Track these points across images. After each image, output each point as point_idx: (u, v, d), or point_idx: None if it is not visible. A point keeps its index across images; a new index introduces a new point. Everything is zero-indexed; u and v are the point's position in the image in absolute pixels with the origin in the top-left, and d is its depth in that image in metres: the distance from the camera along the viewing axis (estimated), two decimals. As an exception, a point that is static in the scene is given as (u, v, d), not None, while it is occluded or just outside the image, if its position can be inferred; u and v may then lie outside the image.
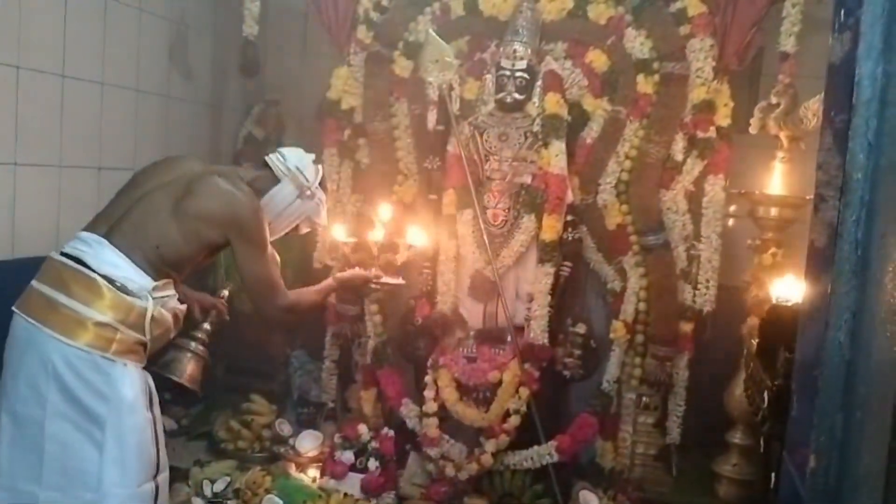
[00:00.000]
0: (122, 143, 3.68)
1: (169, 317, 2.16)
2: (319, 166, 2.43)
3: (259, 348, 4.20)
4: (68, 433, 2.06)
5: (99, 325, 2.05)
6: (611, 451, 3.30)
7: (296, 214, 2.38)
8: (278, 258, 2.43)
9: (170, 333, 2.22)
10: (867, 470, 0.85)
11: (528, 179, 3.26)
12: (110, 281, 2.07)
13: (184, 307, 2.26)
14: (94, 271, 2.08)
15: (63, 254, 2.16)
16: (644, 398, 3.32)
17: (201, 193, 2.19)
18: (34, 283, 2.18)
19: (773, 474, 1.38)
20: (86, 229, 2.24)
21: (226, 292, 2.50)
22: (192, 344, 2.36)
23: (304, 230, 2.50)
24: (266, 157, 2.37)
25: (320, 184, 2.42)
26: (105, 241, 2.14)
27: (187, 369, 2.32)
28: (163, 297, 2.14)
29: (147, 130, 3.84)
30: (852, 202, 0.89)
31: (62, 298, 2.07)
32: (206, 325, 2.42)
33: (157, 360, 2.32)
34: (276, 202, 2.31)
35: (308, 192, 2.33)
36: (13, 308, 2.21)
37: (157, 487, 2.17)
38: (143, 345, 2.14)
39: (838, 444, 0.90)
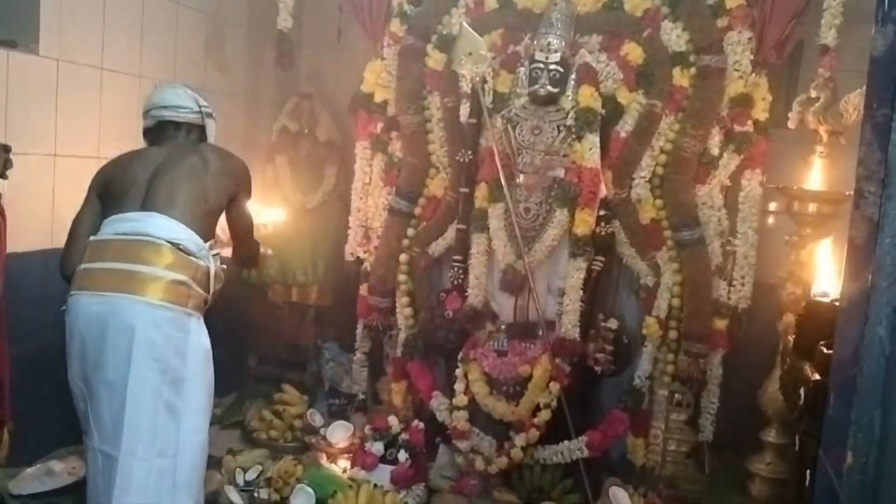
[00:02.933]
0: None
1: (222, 272, 2.42)
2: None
3: (291, 340, 4.24)
4: (148, 399, 2.21)
5: (175, 282, 2.24)
6: (642, 447, 3.27)
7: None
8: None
9: (221, 289, 2.45)
10: (907, 468, 0.83)
11: (560, 173, 3.23)
12: (174, 244, 2.26)
13: (225, 266, 2.50)
14: (156, 238, 2.25)
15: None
16: (677, 395, 3.28)
17: (218, 154, 2.53)
18: (89, 265, 2.30)
19: (808, 472, 1.35)
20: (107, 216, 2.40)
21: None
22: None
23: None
24: (169, 120, 2.59)
25: None
26: (154, 213, 2.31)
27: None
28: (215, 254, 2.39)
29: (183, 123, 3.88)
30: (894, 195, 0.86)
31: (134, 266, 2.24)
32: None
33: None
34: (212, 138, 2.68)
35: (207, 110, 2.67)
36: (74, 292, 2.30)
37: None
38: (206, 301, 2.38)
39: (877, 442, 0.88)
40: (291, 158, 4.21)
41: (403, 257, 3.58)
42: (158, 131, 2.62)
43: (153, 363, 2.21)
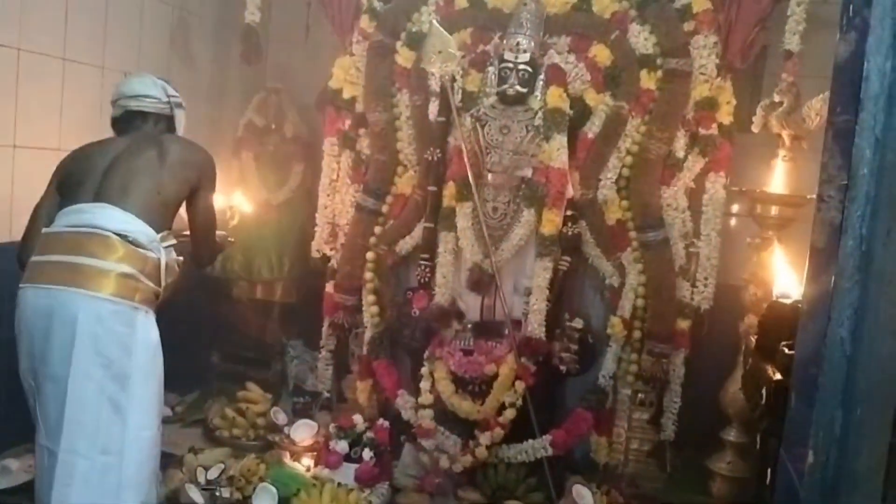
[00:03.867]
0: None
1: (175, 266, 2.36)
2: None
3: (255, 337, 4.20)
4: (90, 394, 2.16)
5: (122, 275, 2.20)
6: (605, 446, 3.30)
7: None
8: None
9: (175, 282, 2.38)
10: (866, 466, 0.85)
11: (528, 173, 3.25)
12: (123, 237, 2.21)
13: (181, 258, 2.42)
14: (105, 230, 2.20)
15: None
16: (640, 394, 3.32)
17: (180, 145, 2.48)
18: (39, 257, 2.26)
19: (768, 471, 1.37)
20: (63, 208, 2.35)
21: None
22: None
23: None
24: (136, 110, 2.55)
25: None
26: (105, 204, 2.26)
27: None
28: (168, 246, 2.32)
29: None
30: (857, 197, 0.88)
31: (81, 259, 2.19)
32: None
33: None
34: (181, 128, 2.63)
35: (177, 100, 2.64)
36: (22, 285, 2.26)
37: None
38: (157, 295, 2.31)
39: (837, 441, 0.90)
40: (258, 154, 4.17)
41: (370, 255, 3.56)
42: (126, 121, 2.57)
43: (96, 357, 2.16)
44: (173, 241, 2.38)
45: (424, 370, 3.33)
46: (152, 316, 2.31)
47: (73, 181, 2.40)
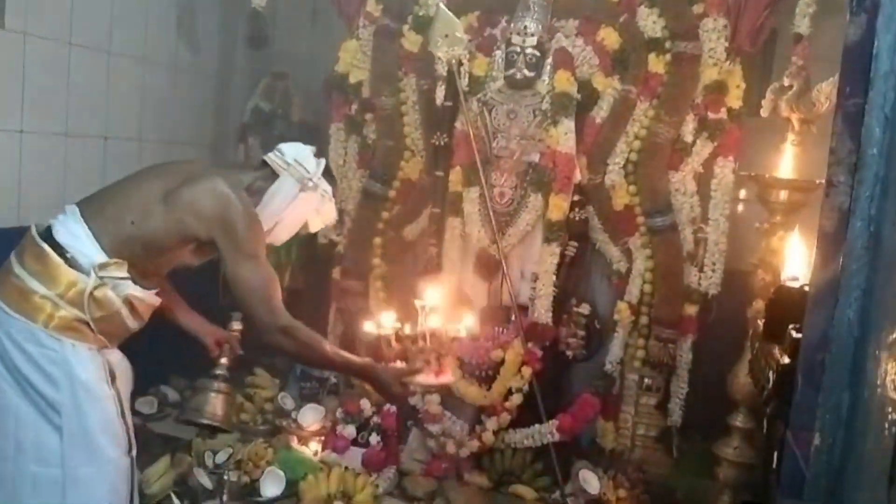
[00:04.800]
0: (127, 112, 3.67)
1: (118, 301, 1.99)
2: (322, 159, 2.27)
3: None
4: (22, 408, 1.98)
5: (42, 297, 1.94)
6: (612, 431, 3.30)
7: (301, 210, 2.18)
8: (277, 278, 2.18)
9: (123, 321, 2.04)
10: (873, 448, 0.84)
11: (535, 158, 3.24)
12: (62, 252, 1.97)
13: (144, 295, 2.06)
14: (48, 241, 1.98)
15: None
16: (646, 380, 3.32)
17: (196, 187, 2.04)
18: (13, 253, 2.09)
19: (774, 454, 1.37)
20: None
21: (237, 324, 2.40)
22: (214, 384, 2.29)
23: (315, 228, 2.30)
24: (264, 157, 2.23)
25: (325, 175, 2.25)
26: (76, 210, 2.04)
27: (216, 410, 2.25)
28: (112, 277, 1.98)
29: (153, 101, 3.82)
30: (866, 178, 0.87)
31: (16, 269, 1.99)
32: (223, 360, 2.37)
33: (184, 407, 2.34)
34: (279, 199, 2.13)
35: (310, 184, 2.15)
36: None
37: (132, 462, 2.12)
38: (87, 324, 1.98)
39: (844, 423, 0.89)
40: (264, 139, 4.16)
41: (377, 240, 3.56)
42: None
43: (20, 380, 1.97)
44: (122, 275, 1.99)
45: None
46: (84, 349, 1.99)
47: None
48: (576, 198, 3.25)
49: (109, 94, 3.52)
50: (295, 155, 2.19)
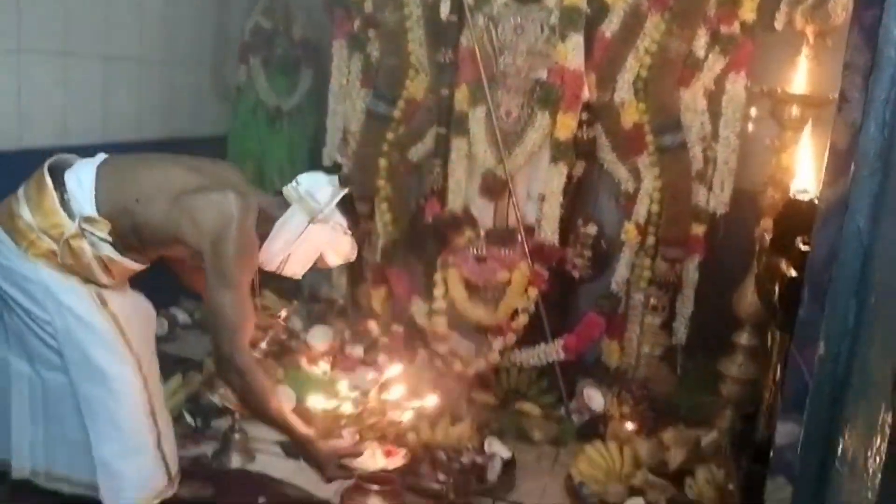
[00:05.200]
0: (127, 32, 3.59)
1: (89, 256, 1.98)
2: (339, 190, 2.14)
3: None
4: (11, 325, 2.06)
5: (26, 224, 1.97)
6: (616, 350, 3.33)
7: (313, 243, 2.10)
8: (252, 316, 2.12)
9: (93, 273, 2.02)
10: (878, 356, 0.84)
11: (543, 75, 3.16)
12: (62, 192, 1.99)
13: (119, 259, 2.03)
14: (57, 178, 2.00)
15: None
16: (652, 299, 3.32)
17: (205, 196, 1.99)
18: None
19: (778, 367, 1.37)
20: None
21: (284, 312, 2.36)
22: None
23: (333, 263, 2.21)
24: (282, 188, 2.15)
25: (345, 208, 2.14)
26: (96, 162, 2.06)
27: (231, 393, 2.24)
28: (92, 233, 1.98)
29: (153, 19, 3.74)
30: (882, 80, 0.83)
31: (19, 191, 2.03)
32: (263, 345, 2.34)
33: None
34: (287, 230, 2.07)
35: (320, 216, 2.07)
36: None
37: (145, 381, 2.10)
38: (55, 254, 1.99)
39: (850, 332, 0.89)
40: (265, 59, 4.09)
41: (382, 162, 3.52)
42: None
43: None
44: (102, 235, 1.98)
45: (437, 277, 3.34)
46: (62, 278, 1.99)
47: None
48: (584, 116, 3.18)
49: (108, 14, 3.43)
50: (308, 186, 2.11)
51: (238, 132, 4.15)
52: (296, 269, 2.17)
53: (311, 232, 2.07)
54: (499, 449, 2.76)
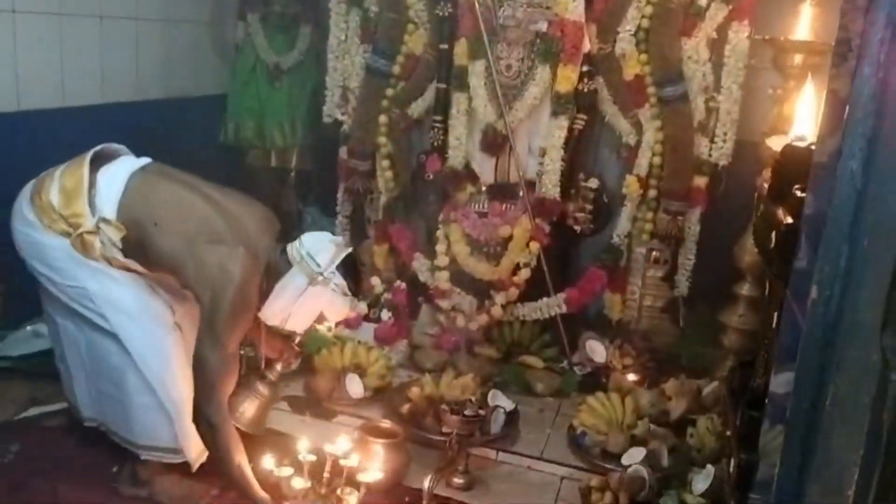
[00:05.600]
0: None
1: (97, 253, 2.08)
2: (339, 252, 2.16)
3: (272, 205, 4.22)
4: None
5: (48, 203, 2.08)
6: (618, 303, 3.35)
7: (312, 303, 2.12)
8: (235, 374, 2.16)
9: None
10: (869, 297, 0.85)
11: (543, 27, 3.12)
12: (92, 188, 2.09)
13: (127, 262, 2.12)
14: (92, 171, 2.11)
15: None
16: (654, 252, 3.33)
17: (216, 249, 2.03)
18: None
19: (775, 315, 1.39)
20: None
21: (298, 338, 2.37)
22: (259, 387, 2.28)
23: (332, 320, 2.24)
24: (287, 245, 2.16)
25: (345, 269, 2.15)
26: (132, 168, 2.14)
27: (246, 413, 2.24)
28: (108, 235, 2.06)
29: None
30: (877, 20, 0.83)
31: (57, 171, 2.14)
32: (277, 367, 2.36)
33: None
34: (288, 290, 2.11)
35: (320, 278, 2.09)
36: None
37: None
38: (66, 235, 2.10)
39: (842, 275, 0.89)
40: (264, 15, 4.04)
41: (383, 119, 3.50)
42: None
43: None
44: (115, 239, 2.07)
45: (439, 233, 3.35)
46: (63, 244, 2.08)
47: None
48: (584, 68, 3.16)
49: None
50: (309, 247, 2.12)
51: (237, 90, 4.12)
52: (297, 326, 2.20)
53: (311, 293, 2.10)
54: (502, 401, 2.80)
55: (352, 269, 2.19)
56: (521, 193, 3.24)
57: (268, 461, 2.13)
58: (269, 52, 4.05)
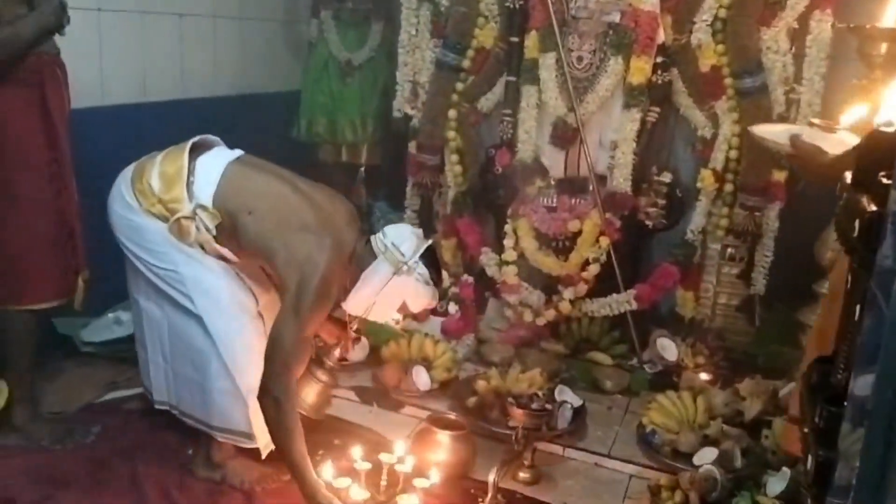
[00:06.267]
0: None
1: (191, 239, 2.14)
2: (422, 242, 2.19)
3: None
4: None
5: (149, 187, 2.15)
6: (692, 300, 3.27)
7: (397, 292, 2.15)
8: (308, 357, 2.23)
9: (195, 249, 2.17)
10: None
11: (616, 18, 3.07)
12: (190, 174, 2.15)
13: (221, 250, 2.16)
14: (191, 159, 2.17)
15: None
16: (729, 249, 3.24)
17: (305, 236, 2.08)
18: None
19: (857, 308, 1.32)
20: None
21: (355, 325, 2.43)
22: (318, 373, 2.35)
23: (414, 310, 2.25)
24: (368, 238, 2.20)
25: (428, 260, 2.17)
26: (229, 157, 2.20)
27: (307, 398, 2.32)
28: (203, 221, 2.12)
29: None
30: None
31: (158, 156, 2.20)
32: (336, 353, 2.42)
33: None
34: (374, 280, 2.14)
35: (405, 268, 2.13)
36: None
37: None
38: (165, 219, 2.15)
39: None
40: (336, 12, 4.11)
41: (452, 113, 3.50)
42: None
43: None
44: (210, 226, 2.13)
45: (508, 227, 3.34)
46: (160, 227, 2.14)
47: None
48: (659, 59, 3.09)
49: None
50: (393, 238, 2.17)
51: (310, 87, 4.20)
52: (379, 315, 2.23)
53: (396, 283, 2.13)
54: (569, 397, 2.77)
55: (433, 260, 2.21)
56: (591, 187, 3.20)
57: (326, 471, 2.13)
58: (341, 48, 4.11)
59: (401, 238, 2.17)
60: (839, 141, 1.91)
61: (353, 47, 4.12)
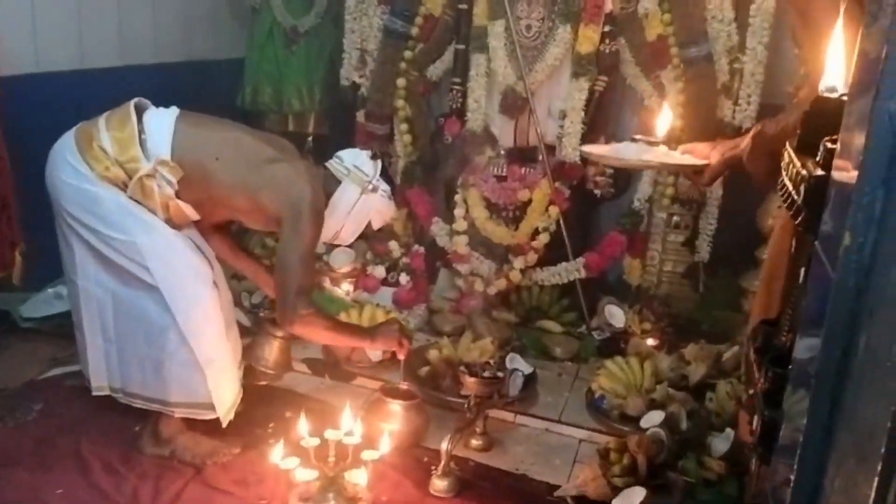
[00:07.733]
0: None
1: (156, 197, 2.08)
2: (378, 161, 2.30)
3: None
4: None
5: (103, 151, 2.07)
6: (638, 268, 3.32)
7: (364, 211, 2.24)
8: (315, 276, 2.35)
9: (155, 213, 2.11)
10: (905, 243, 0.82)
11: (564, -14, 3.07)
12: (141, 131, 2.09)
13: (183, 206, 2.12)
14: (140, 120, 2.11)
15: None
16: (675, 217, 3.29)
17: (291, 166, 2.12)
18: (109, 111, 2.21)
19: (802, 271, 1.36)
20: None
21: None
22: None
23: (377, 225, 2.33)
24: (324, 165, 2.27)
25: (382, 176, 2.28)
26: (176, 112, 2.16)
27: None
28: (163, 176, 2.06)
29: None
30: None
31: (100, 122, 2.11)
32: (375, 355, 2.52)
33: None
34: (343, 203, 2.21)
35: (370, 186, 2.21)
36: None
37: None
38: (125, 186, 2.08)
39: (877, 221, 0.86)
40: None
41: (401, 81, 3.46)
42: None
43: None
44: (172, 180, 2.06)
45: (458, 197, 3.33)
46: (115, 195, 2.06)
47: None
48: (606, 28, 3.10)
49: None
50: (353, 160, 2.25)
51: (255, 54, 4.09)
52: (347, 237, 2.31)
53: (364, 202, 2.21)
54: (520, 364, 2.80)
55: (386, 175, 2.32)
56: (540, 157, 3.21)
57: (276, 454, 2.10)
58: (286, 14, 4.00)
59: (359, 160, 2.25)
60: (665, 153, 2.09)
61: (298, 13, 4.02)
